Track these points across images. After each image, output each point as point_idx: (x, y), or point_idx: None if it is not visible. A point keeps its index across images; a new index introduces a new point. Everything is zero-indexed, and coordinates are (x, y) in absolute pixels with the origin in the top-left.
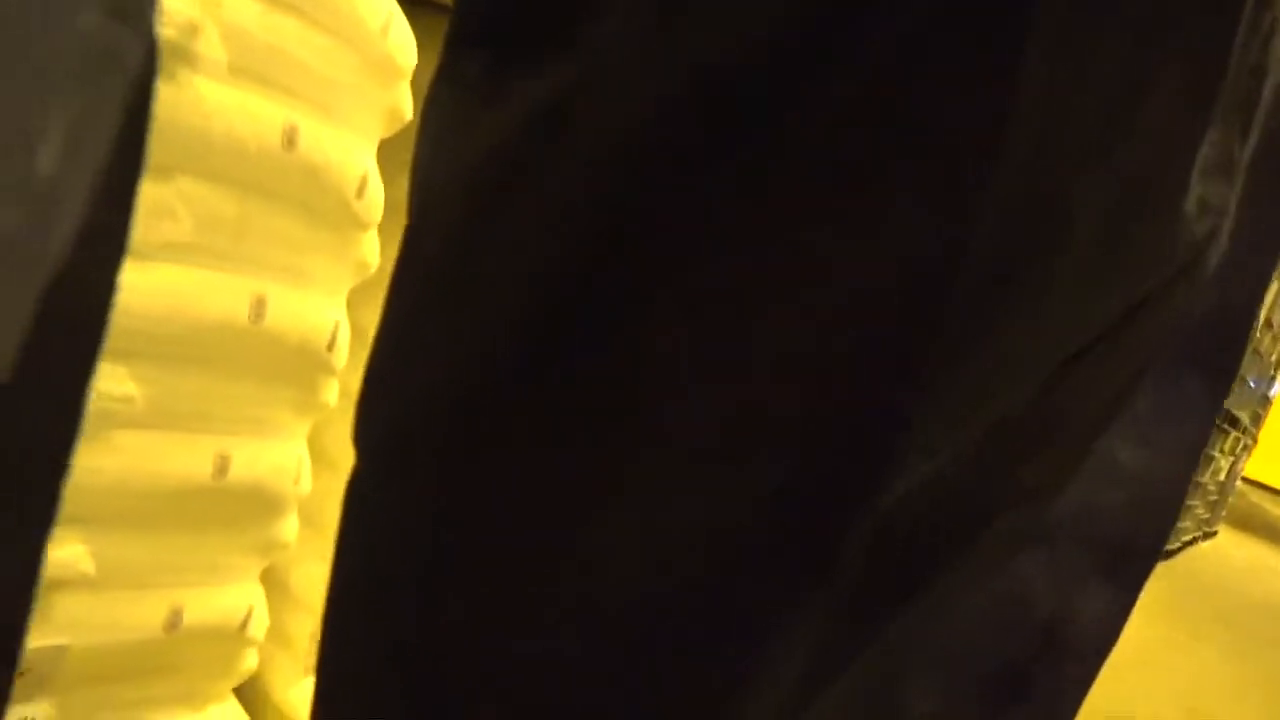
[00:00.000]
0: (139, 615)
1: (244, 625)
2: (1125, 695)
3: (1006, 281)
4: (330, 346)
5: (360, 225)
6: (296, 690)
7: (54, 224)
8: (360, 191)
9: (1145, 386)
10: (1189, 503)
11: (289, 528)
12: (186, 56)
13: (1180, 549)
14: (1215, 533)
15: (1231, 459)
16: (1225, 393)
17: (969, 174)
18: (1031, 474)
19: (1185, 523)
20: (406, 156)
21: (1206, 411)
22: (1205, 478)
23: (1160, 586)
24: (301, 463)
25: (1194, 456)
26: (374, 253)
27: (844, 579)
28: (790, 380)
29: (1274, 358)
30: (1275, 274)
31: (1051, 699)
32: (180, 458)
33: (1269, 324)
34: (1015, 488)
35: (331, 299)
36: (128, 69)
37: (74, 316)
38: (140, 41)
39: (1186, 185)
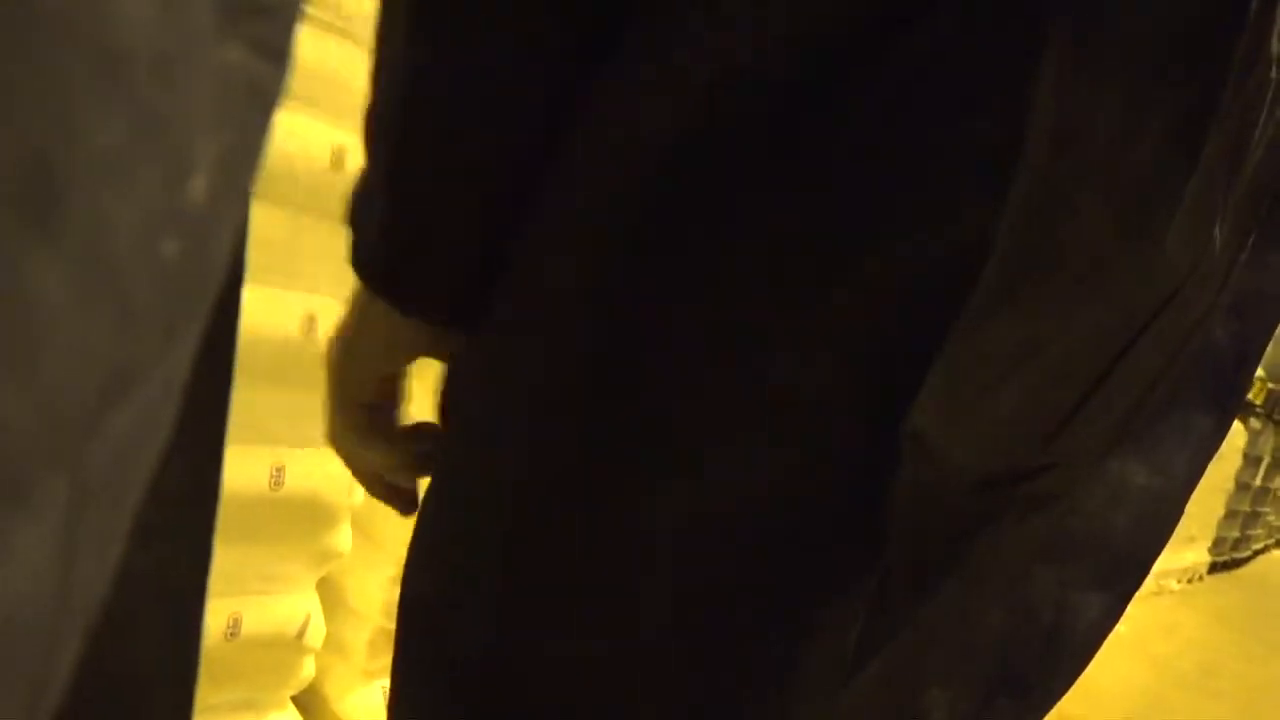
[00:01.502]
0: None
1: (301, 633)
2: (1197, 707)
3: (1016, 279)
4: None
5: None
6: (353, 698)
7: (209, 255)
8: None
9: (1162, 418)
10: (1260, 509)
11: (343, 538)
12: None
13: (1252, 557)
14: None
15: None
16: (1230, 420)
17: (995, 172)
18: (1039, 487)
19: (1256, 530)
20: None
21: (1212, 439)
22: (1276, 484)
23: (1232, 596)
24: None
25: (1196, 479)
26: None
27: (881, 567)
28: (819, 358)
29: None
30: None
31: (1043, 695)
32: (238, 469)
33: None
34: (1021, 498)
35: None
36: (268, 103)
37: (213, 344)
38: (280, 77)
39: (1170, 218)
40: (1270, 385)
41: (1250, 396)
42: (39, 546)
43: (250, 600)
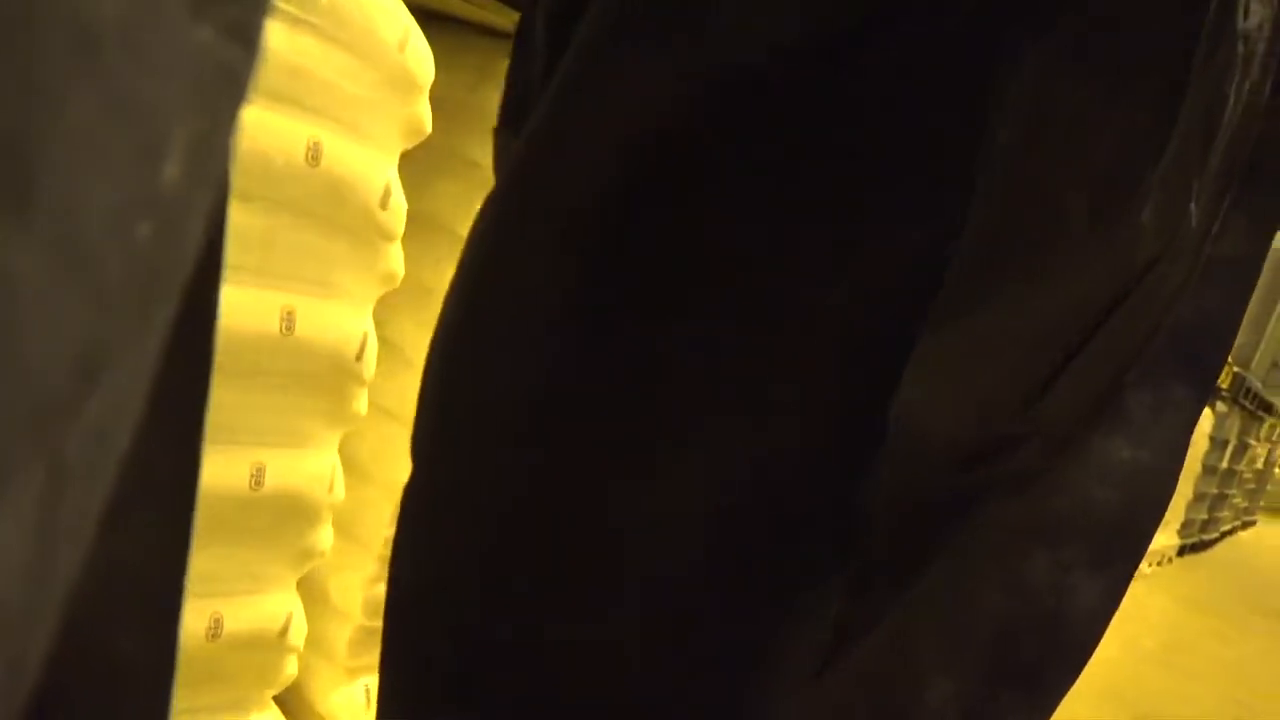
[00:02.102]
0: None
1: (283, 633)
2: (1168, 687)
3: (994, 266)
4: (359, 356)
5: (385, 237)
6: (336, 697)
7: (181, 239)
8: (384, 203)
9: (1139, 391)
10: (1226, 492)
11: (324, 536)
12: None
13: (1219, 539)
14: (1254, 521)
15: (1268, 446)
16: (1208, 392)
17: (958, 170)
18: (1019, 463)
19: (1223, 512)
20: (427, 169)
21: (1192, 412)
22: (1242, 466)
23: (1200, 578)
24: (335, 472)
25: (1181, 453)
26: (399, 264)
27: (861, 550)
28: (795, 358)
29: None
30: None
31: (1051, 685)
32: (218, 469)
33: None
34: (1002, 478)
35: (359, 310)
36: (240, 87)
37: (191, 334)
38: (251, 60)
39: (1144, 199)
40: (1235, 369)
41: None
42: (15, 530)
43: (232, 601)
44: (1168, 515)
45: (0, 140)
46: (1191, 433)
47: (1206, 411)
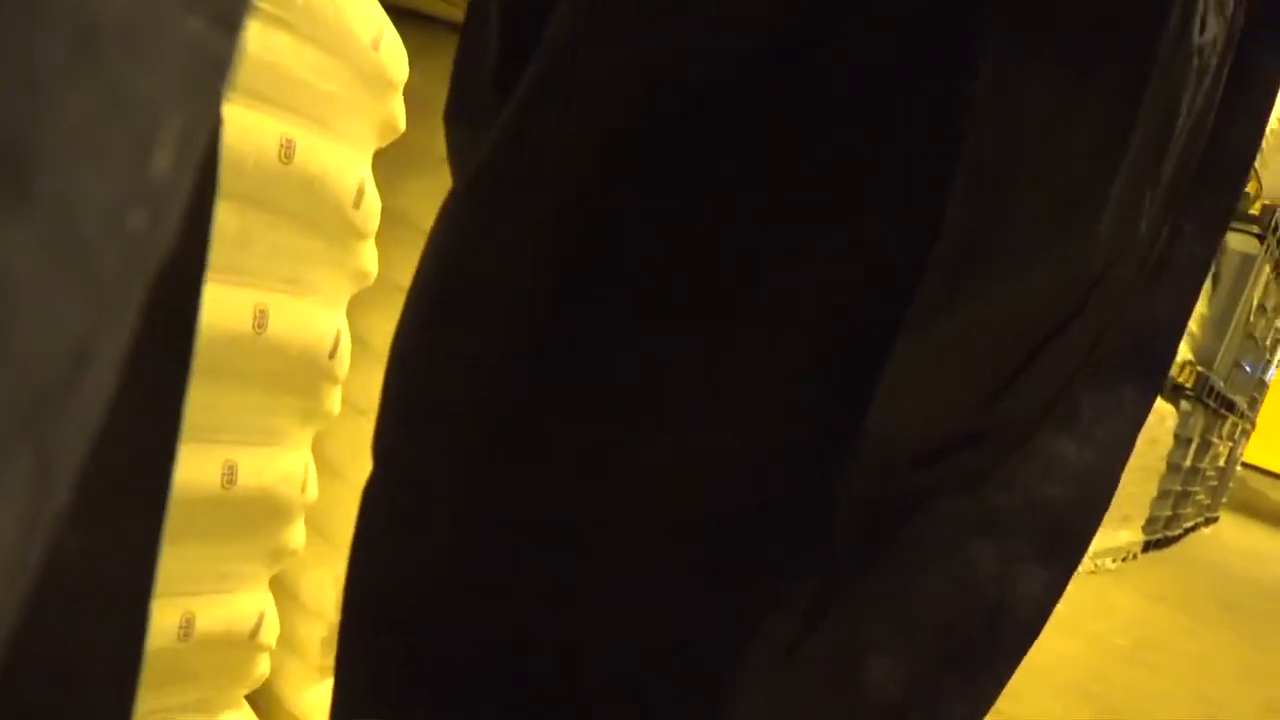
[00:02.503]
0: (153, 624)
1: (255, 632)
2: (1134, 681)
3: (971, 265)
4: (332, 354)
5: (358, 235)
6: (308, 696)
7: (170, 226)
8: (357, 202)
9: (1089, 393)
10: (1190, 489)
11: (297, 535)
12: None
13: (1183, 535)
14: (1217, 518)
15: (1230, 444)
16: (1155, 392)
17: (931, 168)
18: (969, 463)
19: (1186, 509)
20: (401, 167)
21: (1139, 411)
22: (1205, 464)
23: (1165, 574)
24: (307, 470)
25: (1126, 451)
26: (373, 262)
27: (831, 546)
28: (775, 357)
29: (1268, 342)
30: (1265, 261)
31: (992, 672)
32: (189, 467)
33: (1263, 309)
34: (953, 476)
35: (332, 308)
36: (226, 75)
37: (172, 323)
38: (235, 48)
39: (1104, 203)
40: (1199, 369)
41: (1181, 380)
42: (10, 519)
43: (203, 600)
44: (1133, 512)
45: (0, 138)
46: (1138, 431)
47: (1171, 410)
